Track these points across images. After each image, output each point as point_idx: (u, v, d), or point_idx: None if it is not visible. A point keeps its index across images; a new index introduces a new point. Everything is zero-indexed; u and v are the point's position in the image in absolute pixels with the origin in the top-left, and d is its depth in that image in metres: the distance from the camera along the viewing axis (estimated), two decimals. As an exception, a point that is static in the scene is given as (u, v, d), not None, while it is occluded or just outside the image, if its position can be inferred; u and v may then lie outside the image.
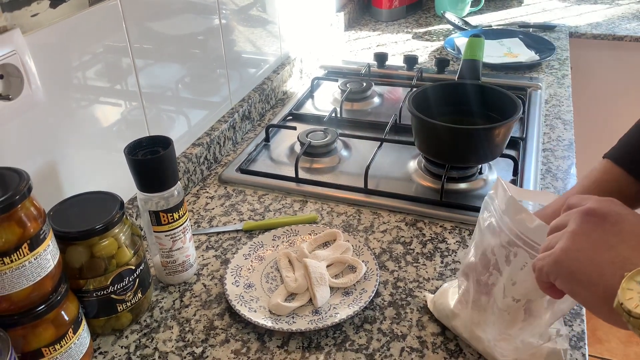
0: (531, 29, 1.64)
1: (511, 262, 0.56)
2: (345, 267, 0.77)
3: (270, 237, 0.83)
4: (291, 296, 0.73)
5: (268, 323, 0.68)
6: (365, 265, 0.76)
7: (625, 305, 0.37)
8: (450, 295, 0.67)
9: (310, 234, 0.83)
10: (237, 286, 0.74)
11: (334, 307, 0.70)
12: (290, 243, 0.82)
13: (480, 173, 0.97)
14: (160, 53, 0.88)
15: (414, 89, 1.00)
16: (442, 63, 1.35)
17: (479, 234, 0.61)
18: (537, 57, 1.42)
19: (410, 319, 0.70)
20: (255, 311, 0.70)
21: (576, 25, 1.69)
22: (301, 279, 0.73)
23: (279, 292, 0.72)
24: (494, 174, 0.98)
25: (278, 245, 0.82)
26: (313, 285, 0.71)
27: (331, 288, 0.73)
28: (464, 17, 1.77)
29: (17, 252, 0.52)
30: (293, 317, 0.69)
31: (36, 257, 0.54)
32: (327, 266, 0.76)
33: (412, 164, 1.02)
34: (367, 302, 0.70)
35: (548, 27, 1.65)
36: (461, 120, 0.98)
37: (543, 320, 0.57)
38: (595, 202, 0.44)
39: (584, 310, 0.70)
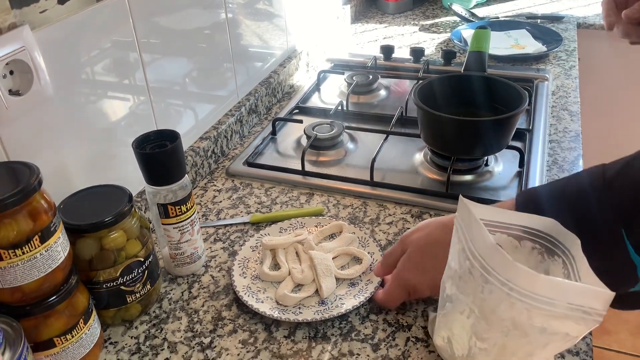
0: (539, 20, 1.63)
1: (485, 297, 0.51)
2: (351, 259, 0.78)
3: (277, 230, 0.84)
4: (298, 287, 0.74)
5: (275, 313, 0.69)
6: (371, 256, 0.76)
7: None
8: (435, 331, 0.64)
9: (316, 226, 0.84)
10: (245, 277, 0.75)
11: (340, 298, 0.71)
12: (297, 235, 0.83)
13: (487, 165, 0.97)
14: (167, 48, 0.89)
15: (420, 82, 1.00)
16: (448, 55, 1.35)
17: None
18: (544, 49, 1.41)
19: (416, 309, 0.71)
20: (262, 302, 0.71)
21: (584, 16, 1.68)
22: (307, 270, 0.74)
23: (285, 283, 0.73)
24: (500, 165, 0.98)
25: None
26: (319, 276, 0.72)
27: (337, 279, 0.74)
28: (471, 8, 1.76)
29: (29, 244, 0.54)
30: (300, 308, 0.70)
31: (47, 249, 0.55)
32: (333, 258, 0.77)
33: (418, 156, 1.02)
34: (372, 293, 0.70)
35: (556, 18, 1.64)
36: (467, 112, 0.98)
37: None
38: None
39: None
